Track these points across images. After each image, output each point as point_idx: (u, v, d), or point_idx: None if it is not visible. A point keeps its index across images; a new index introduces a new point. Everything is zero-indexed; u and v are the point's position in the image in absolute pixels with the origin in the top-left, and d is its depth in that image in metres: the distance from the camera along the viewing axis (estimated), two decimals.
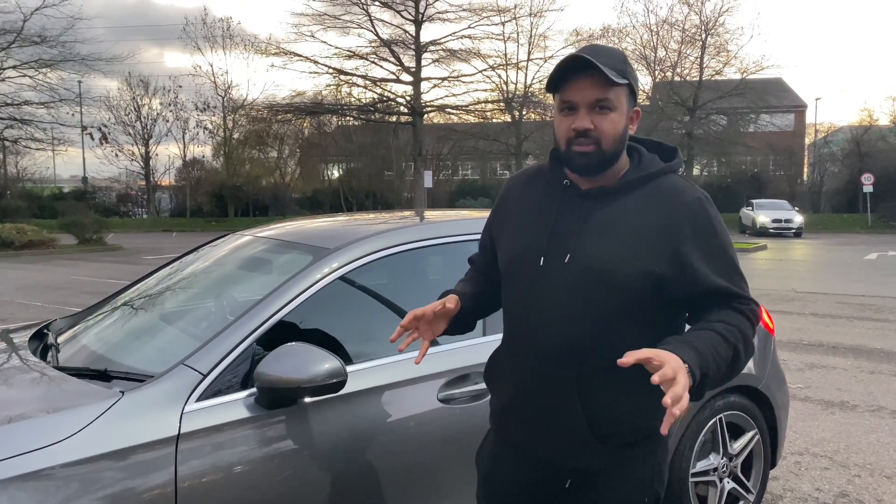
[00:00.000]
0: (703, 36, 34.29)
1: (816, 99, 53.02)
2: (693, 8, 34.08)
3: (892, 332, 7.81)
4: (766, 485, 3.26)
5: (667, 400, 1.22)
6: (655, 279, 1.48)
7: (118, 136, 39.50)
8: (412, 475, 2.25)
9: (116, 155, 40.36)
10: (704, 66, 34.68)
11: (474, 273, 1.88)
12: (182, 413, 1.90)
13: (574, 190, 1.59)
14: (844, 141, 40.86)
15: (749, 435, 3.08)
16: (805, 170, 43.83)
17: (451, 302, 1.66)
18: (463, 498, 2.25)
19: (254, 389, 1.99)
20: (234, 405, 1.98)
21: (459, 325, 1.75)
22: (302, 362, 1.93)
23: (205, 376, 1.97)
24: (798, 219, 27.02)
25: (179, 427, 1.88)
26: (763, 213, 27.35)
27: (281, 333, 2.13)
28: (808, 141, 45.28)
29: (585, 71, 1.47)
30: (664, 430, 1.26)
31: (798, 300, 10.18)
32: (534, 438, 1.62)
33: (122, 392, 1.91)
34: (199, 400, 1.94)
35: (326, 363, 1.95)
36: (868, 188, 30.54)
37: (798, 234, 26.58)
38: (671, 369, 1.25)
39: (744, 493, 3.06)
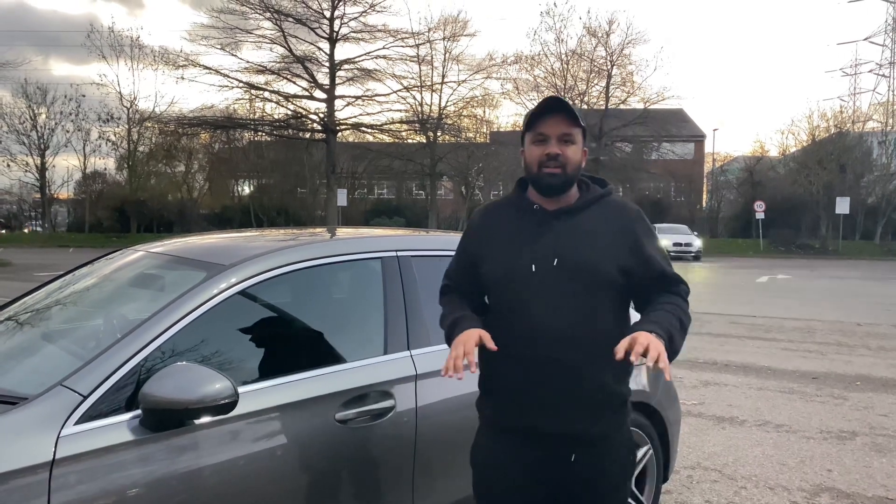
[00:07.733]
0: (609, 67, 35.78)
1: (714, 130, 56.07)
2: (600, 40, 35.56)
3: (779, 351, 8.28)
4: (659, 499, 3.37)
5: (654, 354, 1.64)
6: (625, 270, 1.90)
7: (11, 146, 37.39)
8: (309, 498, 2.20)
9: (8, 165, 38.21)
10: (610, 95, 36.13)
11: (458, 297, 2.09)
12: (58, 437, 1.79)
13: (543, 212, 1.96)
14: (739, 170, 43.41)
15: (643, 450, 3.17)
16: (704, 196, 46.20)
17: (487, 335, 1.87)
18: None
19: (139, 411, 1.90)
20: (117, 428, 1.88)
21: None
22: (189, 382, 1.85)
23: (85, 398, 1.86)
24: (697, 243, 28.38)
25: (55, 452, 1.77)
26: (664, 238, 28.50)
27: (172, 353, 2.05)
28: (706, 169, 47.80)
29: (557, 111, 1.89)
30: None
31: (695, 320, 10.57)
32: (546, 417, 1.89)
33: None
34: (78, 423, 1.83)
35: (216, 383, 1.88)
36: (760, 215, 32.54)
37: (697, 257, 27.90)
38: (640, 343, 1.67)
39: None
